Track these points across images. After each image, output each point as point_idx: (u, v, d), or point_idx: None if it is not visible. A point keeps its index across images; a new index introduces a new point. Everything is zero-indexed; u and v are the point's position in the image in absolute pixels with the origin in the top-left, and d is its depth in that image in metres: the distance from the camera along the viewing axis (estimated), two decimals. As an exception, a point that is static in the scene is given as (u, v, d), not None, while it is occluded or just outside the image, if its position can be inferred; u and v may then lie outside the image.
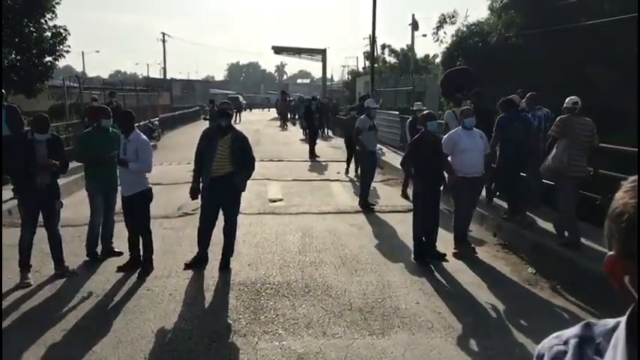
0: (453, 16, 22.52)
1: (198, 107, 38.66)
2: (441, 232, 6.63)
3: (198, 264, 6.14)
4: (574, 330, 0.90)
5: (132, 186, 6.04)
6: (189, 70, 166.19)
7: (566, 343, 0.89)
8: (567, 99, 6.72)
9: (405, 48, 39.71)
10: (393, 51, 41.35)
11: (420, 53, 45.23)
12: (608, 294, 4.49)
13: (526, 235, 6.78)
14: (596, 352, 0.84)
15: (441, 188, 6.61)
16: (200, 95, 53.85)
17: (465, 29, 21.05)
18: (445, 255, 6.47)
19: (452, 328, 4.58)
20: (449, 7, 66.30)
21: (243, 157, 6.11)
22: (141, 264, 6.01)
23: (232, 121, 6.70)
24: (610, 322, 0.87)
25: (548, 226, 6.96)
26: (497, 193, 8.81)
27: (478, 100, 9.21)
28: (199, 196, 6.18)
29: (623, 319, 0.83)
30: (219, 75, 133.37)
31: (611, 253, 0.79)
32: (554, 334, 0.94)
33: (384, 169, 12.06)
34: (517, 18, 17.90)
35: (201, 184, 6.14)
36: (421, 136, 6.54)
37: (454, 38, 21.40)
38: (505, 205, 8.03)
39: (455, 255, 6.51)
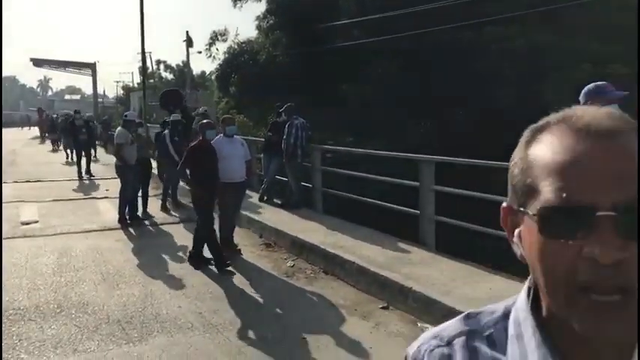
0: (224, 34, 23.13)
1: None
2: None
3: None
4: (454, 326, 0.74)
5: None
6: None
7: (450, 344, 0.72)
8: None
9: (181, 64, 39.46)
10: (168, 67, 40.73)
11: (197, 69, 45.30)
12: (349, 274, 5.02)
13: (285, 234, 7.27)
14: (490, 345, 0.70)
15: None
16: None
17: (236, 47, 21.79)
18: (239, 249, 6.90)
19: (211, 325, 4.68)
20: (221, 24, 67.65)
21: None
22: None
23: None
24: (493, 307, 0.74)
25: (311, 225, 7.60)
26: (265, 198, 9.30)
27: (184, 113, 10.80)
28: None
29: (519, 300, 0.71)
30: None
31: (507, 203, 0.68)
32: (431, 334, 0.76)
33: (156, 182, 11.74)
34: (283, 38, 19.16)
35: None
36: (199, 144, 6.60)
37: (226, 55, 22.00)
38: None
39: (219, 259, 6.66)
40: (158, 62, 40.49)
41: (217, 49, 23.53)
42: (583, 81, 4.01)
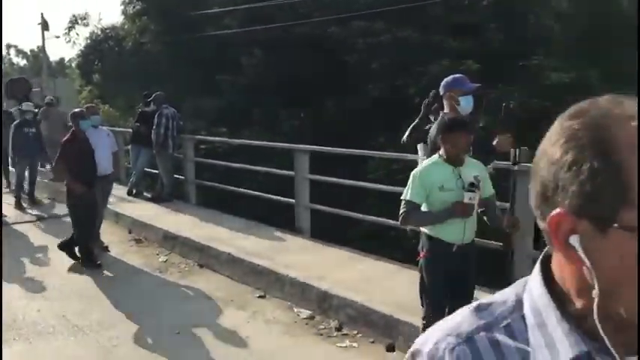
0: (85, 18, 21.56)
1: None
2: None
3: None
4: (469, 320, 0.70)
5: None
6: None
7: (470, 340, 0.68)
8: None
9: (36, 49, 36.15)
10: (20, 52, 37.10)
11: (55, 56, 41.78)
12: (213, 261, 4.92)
13: (156, 228, 6.99)
14: (510, 336, 0.67)
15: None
16: None
17: (99, 32, 20.43)
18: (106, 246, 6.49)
19: (77, 327, 4.37)
20: (81, 8, 62.96)
21: None
22: None
23: None
24: (502, 297, 0.71)
25: (184, 218, 7.39)
26: (134, 191, 8.86)
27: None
28: None
29: (534, 288, 0.68)
30: None
31: (559, 210, 0.60)
32: (444, 331, 0.71)
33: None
34: (151, 24, 18.28)
35: None
36: (73, 136, 6.07)
37: (88, 41, 20.57)
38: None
39: (89, 257, 6.23)
40: (8, 46, 36.72)
41: (78, 34, 21.91)
42: (441, 75, 4.32)
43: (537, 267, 0.69)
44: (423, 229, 3.29)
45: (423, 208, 3.20)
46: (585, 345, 0.61)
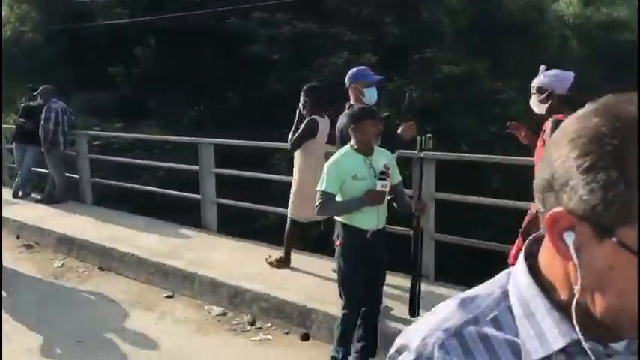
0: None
1: None
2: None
3: None
4: (456, 314, 0.69)
5: None
6: None
7: (459, 334, 0.67)
8: None
9: None
10: None
11: None
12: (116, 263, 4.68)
13: (49, 231, 6.52)
14: (498, 328, 0.67)
15: None
16: None
17: (-28, 19, 18.57)
18: None
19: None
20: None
21: None
22: None
23: None
24: (487, 289, 0.71)
25: (80, 220, 6.94)
26: (21, 193, 8.19)
27: None
28: None
29: (519, 278, 0.68)
30: None
31: (561, 209, 0.60)
32: (431, 325, 0.69)
33: None
34: (32, 12, 16.93)
35: None
36: None
37: (-45, 28, 18.63)
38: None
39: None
40: None
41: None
42: (341, 67, 4.41)
43: (522, 257, 0.69)
44: (337, 219, 3.35)
45: (338, 198, 3.26)
46: (575, 333, 0.62)
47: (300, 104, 4.74)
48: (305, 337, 4.02)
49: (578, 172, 0.58)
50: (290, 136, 4.76)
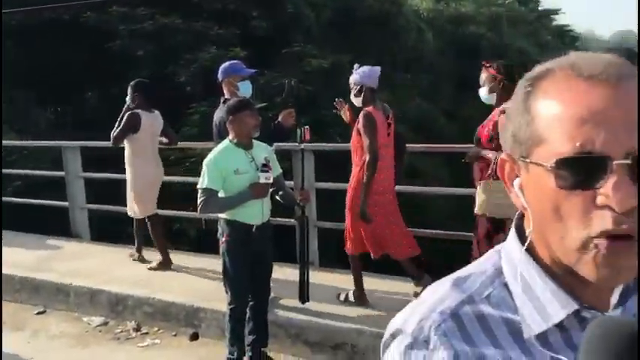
0: None
1: None
2: None
3: None
4: (451, 295, 0.67)
5: None
6: None
7: (455, 315, 0.65)
8: None
9: None
10: None
11: None
12: None
13: None
14: (494, 306, 0.66)
15: None
16: None
17: None
18: None
19: None
20: None
21: None
22: None
23: None
24: (479, 267, 0.70)
25: None
26: None
27: None
28: None
29: (512, 253, 0.68)
30: None
31: (503, 155, 0.66)
32: (427, 307, 0.67)
33: None
34: None
35: None
36: None
37: None
38: None
39: None
40: None
41: None
42: (211, 61, 4.39)
43: (512, 232, 0.70)
44: (221, 215, 3.32)
45: (220, 194, 3.24)
46: (574, 302, 0.63)
47: (128, 99, 4.72)
48: (194, 337, 3.98)
49: (507, 125, 0.66)
50: (113, 131, 4.69)
